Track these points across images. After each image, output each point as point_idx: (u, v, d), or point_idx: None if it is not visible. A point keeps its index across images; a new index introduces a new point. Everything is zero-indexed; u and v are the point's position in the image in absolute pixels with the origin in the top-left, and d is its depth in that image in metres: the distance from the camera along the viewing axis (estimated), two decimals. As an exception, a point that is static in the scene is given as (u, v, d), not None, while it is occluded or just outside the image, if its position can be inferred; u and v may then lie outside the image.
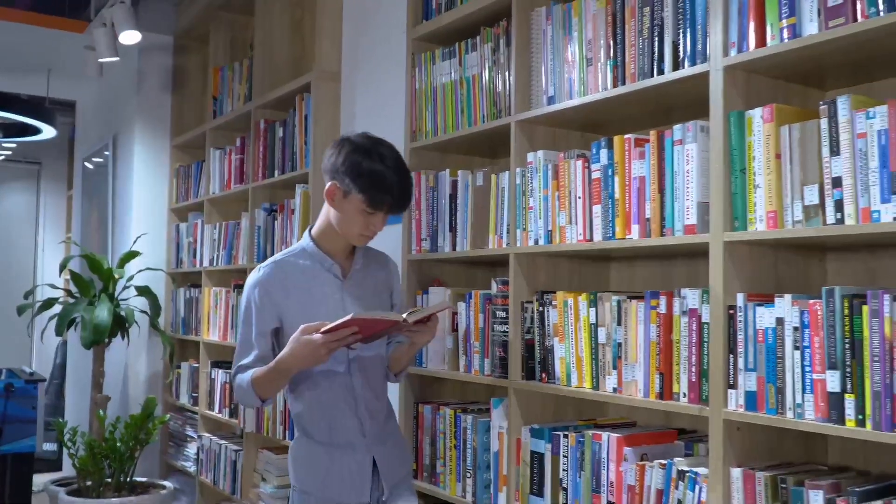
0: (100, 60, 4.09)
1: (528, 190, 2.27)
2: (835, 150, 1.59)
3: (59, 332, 4.35)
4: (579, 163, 2.13)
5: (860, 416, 1.52)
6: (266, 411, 3.60)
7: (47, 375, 6.95)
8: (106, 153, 5.29)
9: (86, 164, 5.83)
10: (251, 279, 2.08)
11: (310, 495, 2.06)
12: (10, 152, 7.94)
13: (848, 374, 1.54)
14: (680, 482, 1.85)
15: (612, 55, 2.08)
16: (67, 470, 5.05)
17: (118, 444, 3.89)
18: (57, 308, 4.42)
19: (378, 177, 1.95)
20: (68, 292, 4.63)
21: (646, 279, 2.33)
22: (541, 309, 2.24)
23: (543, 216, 2.23)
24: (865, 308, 1.52)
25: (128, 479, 4.00)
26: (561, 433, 2.15)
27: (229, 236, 4.12)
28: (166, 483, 4.25)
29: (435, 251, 2.65)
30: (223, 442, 4.02)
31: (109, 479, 3.96)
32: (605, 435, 2.03)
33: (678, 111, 2.11)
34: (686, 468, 1.84)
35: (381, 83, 3.16)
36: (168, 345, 4.41)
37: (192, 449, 4.45)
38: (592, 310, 2.08)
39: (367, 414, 2.07)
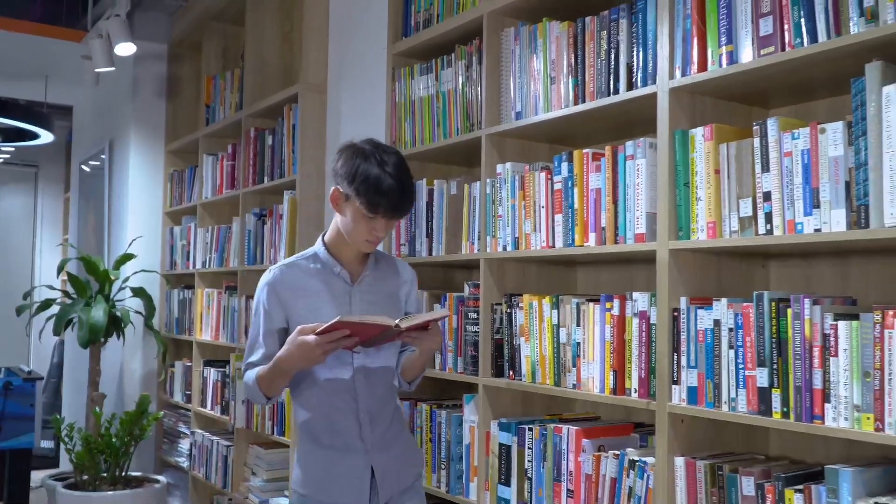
0: (96, 70, 4.24)
1: (498, 199, 2.43)
2: (765, 167, 1.75)
3: (56, 332, 4.50)
4: (543, 175, 2.28)
5: (785, 409, 1.68)
6: (255, 408, 3.75)
7: (44, 374, 7.09)
8: (102, 157, 5.43)
9: (82, 167, 5.97)
10: (262, 280, 2.10)
11: (308, 498, 2.06)
12: (7, 155, 8.08)
13: (775, 371, 1.70)
14: (631, 471, 2.00)
15: (573, 74, 2.24)
16: (64, 466, 5.20)
17: (113, 440, 4.04)
18: (55, 308, 4.57)
19: (375, 181, 1.93)
20: (65, 293, 4.78)
21: (609, 283, 2.48)
22: (508, 310, 2.39)
23: (511, 224, 2.38)
24: (789, 311, 1.68)
25: (123, 474, 4.15)
26: (526, 427, 2.31)
27: (221, 240, 4.27)
28: (160, 477, 4.40)
29: (413, 255, 2.80)
30: (215, 438, 4.17)
31: (105, 474, 4.11)
32: (565, 428, 2.19)
33: (635, 126, 2.26)
34: (636, 458, 2.00)
35: (364, 95, 3.32)
36: (162, 344, 4.56)
37: (185, 445, 4.60)
38: (555, 311, 2.24)
39: (368, 419, 2.06)
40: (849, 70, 1.64)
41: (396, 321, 1.89)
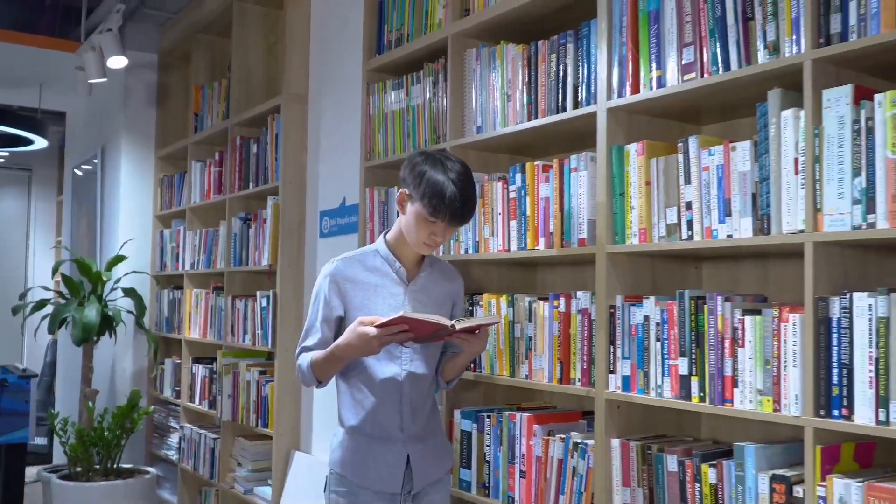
0: (89, 81, 4.44)
1: (460, 206, 2.64)
2: (687, 180, 1.97)
3: (51, 331, 4.70)
4: (500, 184, 2.50)
5: (701, 394, 1.90)
6: (241, 401, 3.95)
7: (38, 373, 7.28)
8: (95, 161, 5.63)
9: (75, 171, 6.16)
10: (324, 270, 2.19)
11: (345, 479, 2.16)
12: (2, 160, 8.26)
13: (693, 361, 1.92)
14: (575, 452, 2.22)
15: (527, 92, 2.46)
16: (57, 461, 5.39)
17: (106, 433, 4.24)
18: (49, 308, 4.76)
19: (439, 187, 2.01)
20: (59, 294, 4.97)
21: (564, 282, 2.69)
22: (470, 308, 2.61)
23: (472, 229, 2.60)
24: (706, 307, 1.90)
25: (115, 466, 4.35)
26: (485, 414, 2.52)
27: (209, 242, 4.48)
28: (150, 469, 4.60)
29: (385, 258, 3.00)
30: (203, 431, 4.37)
31: (98, 465, 4.31)
32: (518, 415, 2.40)
33: (585, 139, 2.47)
34: (579, 440, 2.22)
35: (342, 107, 3.53)
36: (152, 342, 4.76)
37: (174, 439, 4.80)
38: (510, 309, 2.46)
39: (410, 411, 2.16)
40: (757, 95, 1.86)
41: (452, 322, 1.99)
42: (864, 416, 1.60)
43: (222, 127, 4.34)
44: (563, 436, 2.27)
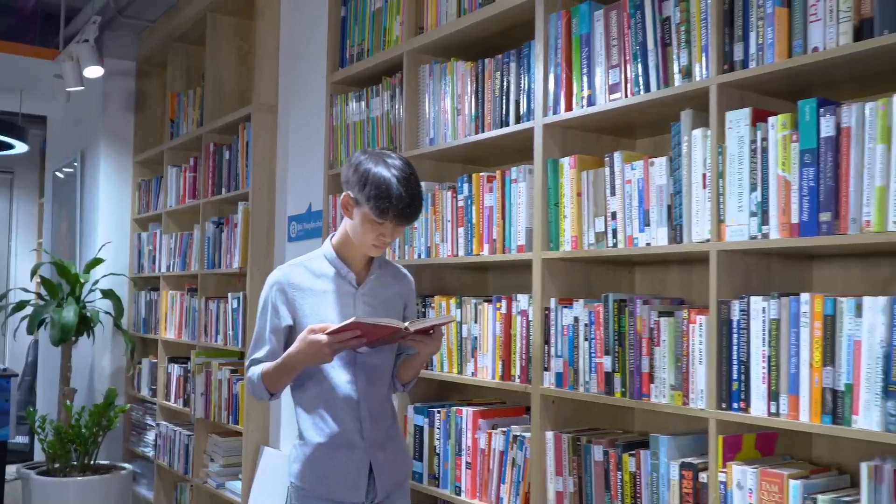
0: (67, 89, 4.57)
1: (414, 213, 2.80)
2: (612, 192, 2.13)
3: (30, 331, 4.83)
4: (449, 193, 2.66)
5: (623, 389, 2.07)
6: (213, 399, 4.10)
7: (20, 373, 7.38)
8: (75, 164, 5.75)
9: (56, 174, 6.28)
10: (270, 279, 2.14)
11: (307, 491, 2.10)
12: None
13: (616, 359, 2.08)
14: (514, 445, 2.38)
15: (474, 107, 2.62)
16: (39, 459, 5.51)
17: (83, 430, 4.38)
18: (28, 310, 4.89)
19: (385, 188, 1.96)
20: (39, 295, 5.10)
21: (511, 285, 2.85)
22: (423, 309, 2.77)
23: (425, 235, 2.75)
24: (627, 310, 2.06)
25: (92, 462, 4.49)
26: (435, 410, 2.68)
27: (184, 245, 4.62)
28: (126, 465, 4.74)
29: (347, 262, 3.16)
30: (178, 428, 4.51)
31: (75, 462, 4.44)
32: (465, 410, 2.56)
33: (525, 152, 2.63)
34: (518, 433, 2.38)
35: (308, 117, 3.67)
36: (130, 342, 4.90)
37: (151, 436, 4.94)
38: (459, 310, 2.62)
39: (369, 417, 2.11)
40: (674, 114, 2.02)
41: (406, 324, 1.96)
42: (758, 408, 1.77)
43: (197, 134, 4.48)
44: (504, 429, 2.43)
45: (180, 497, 4.63)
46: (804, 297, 1.70)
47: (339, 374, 2.10)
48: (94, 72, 4.40)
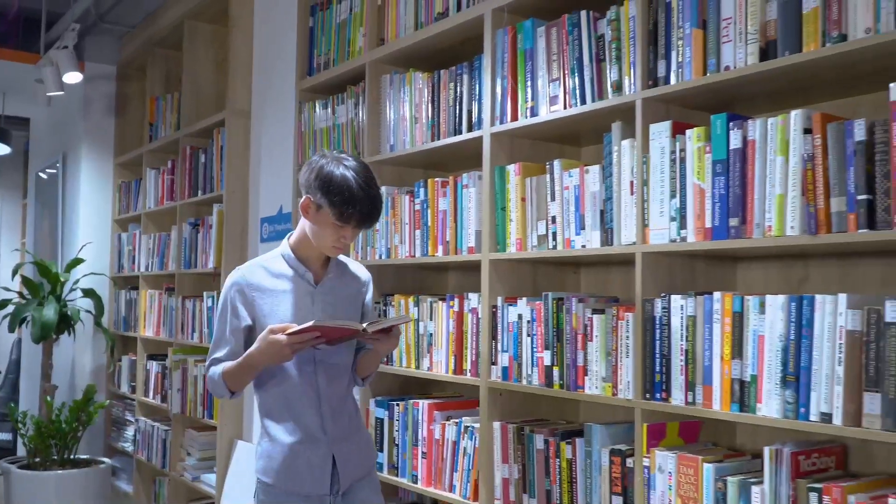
0: (47, 94, 4.69)
1: (376, 216, 2.94)
2: (552, 197, 2.28)
3: (11, 329, 4.95)
4: (408, 197, 2.80)
5: (561, 382, 2.22)
6: (189, 394, 4.23)
7: (2, 370, 7.49)
8: (58, 166, 5.86)
9: (39, 174, 6.38)
10: (229, 279, 2.17)
11: (273, 486, 2.13)
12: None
13: (555, 353, 2.23)
14: (465, 434, 2.53)
15: (430, 116, 2.76)
16: (19, 453, 5.62)
17: (63, 425, 4.50)
18: (11, 308, 5.01)
19: (347, 192, 1.99)
20: (21, 294, 5.21)
21: (465, 284, 2.99)
22: (384, 307, 2.91)
23: (385, 237, 2.90)
24: (564, 307, 2.21)
25: (71, 456, 4.61)
26: (395, 403, 2.82)
27: (162, 246, 4.75)
28: (105, 459, 4.86)
29: (314, 262, 3.30)
30: (156, 424, 4.63)
31: (55, 456, 4.56)
32: (421, 403, 2.71)
33: (477, 159, 2.77)
34: (469, 424, 2.52)
35: (279, 123, 3.80)
36: (110, 340, 5.02)
37: (130, 431, 5.06)
38: (416, 308, 2.76)
39: (330, 412, 2.15)
40: (608, 126, 2.17)
41: (364, 325, 2.01)
42: (677, 398, 1.92)
43: (174, 137, 4.61)
44: (456, 420, 2.58)
45: (158, 490, 4.76)
46: (716, 295, 1.85)
47: (299, 372, 2.14)
48: (73, 78, 4.52)
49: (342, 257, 2.29)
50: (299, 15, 3.46)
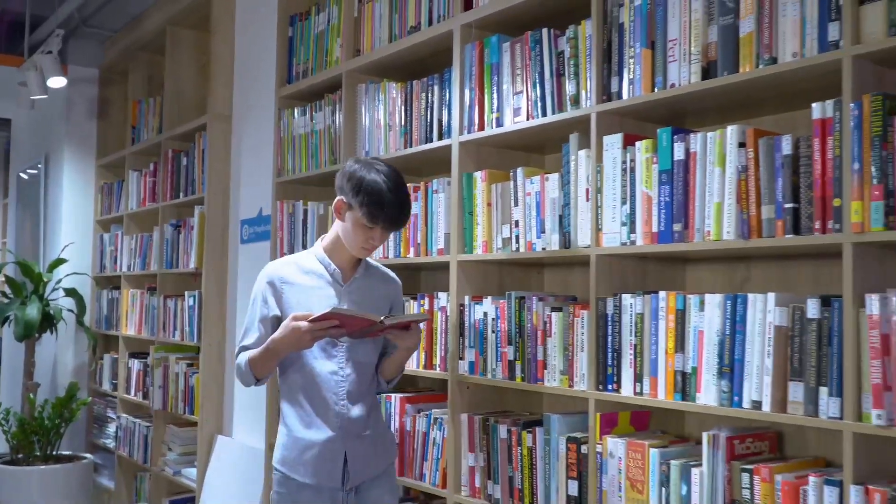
0: (31, 97, 4.80)
1: (351, 219, 3.08)
2: (516, 203, 2.44)
3: (-6, 328, 5.05)
4: (381, 201, 2.94)
5: (522, 375, 2.37)
6: (170, 391, 4.35)
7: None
8: (39, 166, 5.95)
9: (21, 175, 6.46)
10: (262, 273, 2.31)
11: (287, 477, 2.25)
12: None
13: (517, 348, 2.39)
14: (435, 426, 2.68)
15: (403, 124, 2.91)
16: (3, 449, 5.71)
17: (46, 422, 4.60)
18: (-7, 307, 5.11)
19: (377, 196, 2.12)
20: (3, 293, 5.30)
21: (439, 283, 3.14)
22: (359, 307, 3.05)
23: (360, 239, 3.04)
24: (525, 305, 2.37)
25: (54, 452, 4.72)
26: (368, 397, 2.96)
27: (144, 246, 4.86)
28: (87, 455, 4.97)
29: (292, 263, 3.43)
30: (137, 420, 4.75)
31: (38, 453, 4.67)
32: (393, 396, 2.85)
33: (447, 165, 2.92)
34: (438, 416, 2.67)
35: (259, 129, 3.94)
36: (91, 339, 5.13)
37: (112, 428, 5.17)
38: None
39: (347, 409, 2.25)
40: (566, 137, 2.32)
41: (382, 318, 2.11)
42: (627, 389, 2.08)
43: (156, 140, 4.73)
44: (426, 413, 2.73)
45: (140, 486, 4.87)
46: (661, 294, 2.01)
47: (322, 365, 2.24)
48: (57, 82, 4.63)
49: (373, 262, 2.44)
50: (279, 25, 3.60)
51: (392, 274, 2.46)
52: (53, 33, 4.56)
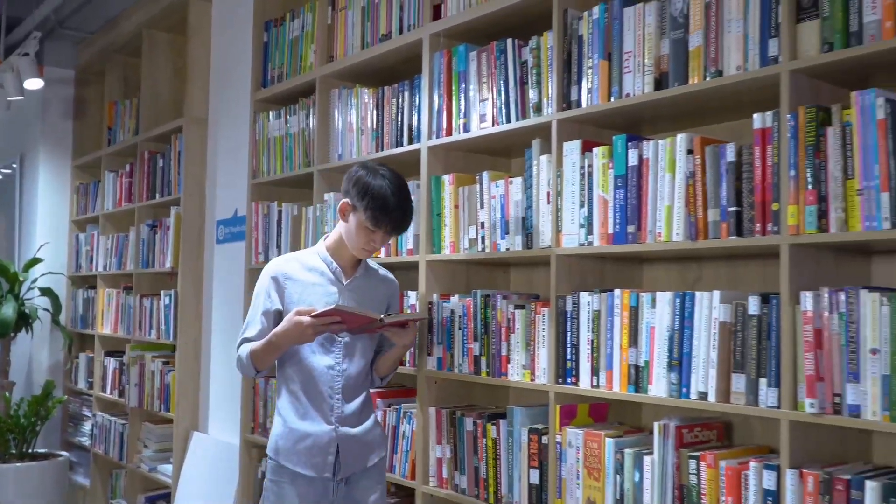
0: (7, 99, 4.84)
1: (325, 220, 3.18)
2: (482, 205, 2.54)
3: (-30, 327, 5.08)
4: (354, 203, 3.04)
5: (488, 370, 2.48)
6: (146, 389, 4.41)
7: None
8: (14, 166, 5.98)
9: (-6, 175, 6.50)
10: (266, 268, 2.41)
11: (281, 466, 2.35)
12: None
13: (483, 344, 2.50)
14: (404, 419, 2.78)
15: (375, 128, 3.01)
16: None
17: (21, 420, 4.65)
18: (-32, 306, 5.14)
19: (382, 201, 2.23)
20: (-22, 293, 5.34)
21: (413, 283, 3.24)
22: (332, 305, 3.14)
23: (333, 239, 3.13)
24: (490, 303, 2.48)
25: (29, 450, 4.76)
26: (341, 392, 3.06)
27: (120, 246, 4.92)
28: (63, 453, 5.02)
29: (267, 260, 3.51)
30: (113, 418, 4.80)
31: (14, 451, 4.71)
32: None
33: (417, 168, 3.03)
34: (408, 410, 2.78)
35: (235, 131, 4.02)
36: (67, 338, 5.18)
37: (87, 426, 5.22)
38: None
39: (341, 403, 2.35)
40: (530, 142, 2.43)
41: (382, 315, 2.26)
42: (585, 382, 2.20)
43: (133, 141, 4.79)
44: (397, 407, 2.83)
45: (115, 483, 4.93)
46: (616, 292, 2.13)
47: (319, 359, 2.34)
48: (34, 84, 4.68)
49: (373, 263, 2.56)
50: (254, 30, 3.68)
51: (390, 275, 2.57)
52: (31, 35, 4.61)
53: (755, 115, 1.85)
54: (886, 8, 1.67)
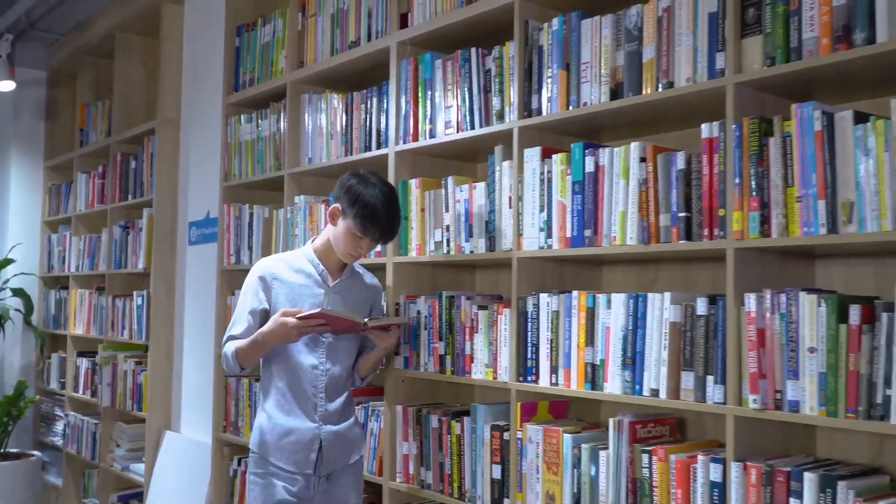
0: (-21, 100, 4.86)
1: (295, 222, 3.24)
2: (447, 209, 2.62)
3: (-59, 327, 5.07)
4: (323, 206, 3.11)
5: (452, 369, 2.56)
6: (119, 388, 4.44)
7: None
8: (-15, 167, 5.97)
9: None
10: (254, 268, 2.48)
11: (263, 460, 2.42)
12: None
13: (448, 344, 2.57)
14: (372, 417, 2.85)
15: (344, 133, 3.07)
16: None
17: (-7, 420, 4.66)
18: (-61, 307, 5.14)
19: (371, 210, 2.31)
20: (-51, 293, 5.33)
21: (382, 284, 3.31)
22: (302, 306, 3.20)
23: (302, 241, 3.19)
24: (455, 304, 2.56)
25: (2, 450, 4.77)
26: (311, 391, 3.12)
27: (92, 247, 4.95)
28: (35, 452, 5.03)
29: (239, 263, 3.57)
30: (86, 418, 4.83)
31: (-15, 451, 4.73)
32: (334, 390, 3.01)
33: (385, 173, 3.11)
34: (376, 408, 2.85)
35: (207, 134, 4.06)
36: (40, 338, 5.19)
37: (60, 426, 5.23)
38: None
39: (324, 401, 2.43)
40: (493, 148, 2.51)
41: (365, 319, 2.34)
42: (544, 380, 2.28)
43: (105, 143, 4.82)
44: (365, 405, 2.90)
45: (87, 482, 4.95)
46: (574, 293, 2.22)
47: (304, 358, 2.42)
48: (6, 86, 4.71)
49: (359, 267, 2.63)
50: (226, 34, 3.73)
51: (375, 279, 2.65)
52: (2, 37, 4.62)
53: (703, 125, 1.94)
54: (823, 26, 1.77)
